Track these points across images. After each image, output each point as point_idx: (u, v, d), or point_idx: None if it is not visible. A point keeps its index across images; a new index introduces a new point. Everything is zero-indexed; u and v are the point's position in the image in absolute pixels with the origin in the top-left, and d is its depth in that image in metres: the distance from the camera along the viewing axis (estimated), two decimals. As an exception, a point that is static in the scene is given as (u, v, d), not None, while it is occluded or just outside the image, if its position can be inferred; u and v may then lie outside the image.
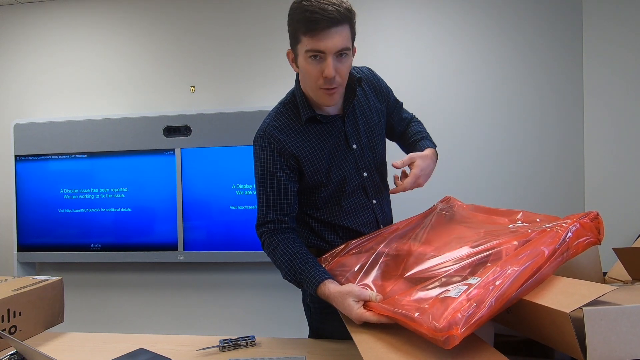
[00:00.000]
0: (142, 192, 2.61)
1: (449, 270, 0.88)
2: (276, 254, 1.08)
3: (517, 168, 2.49)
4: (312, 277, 1.01)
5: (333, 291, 0.96)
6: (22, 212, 2.69)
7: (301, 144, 1.10)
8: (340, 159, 1.14)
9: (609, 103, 2.39)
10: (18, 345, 0.99)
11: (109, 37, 2.77)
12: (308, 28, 0.94)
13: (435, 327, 0.71)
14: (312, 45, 0.95)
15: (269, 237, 1.12)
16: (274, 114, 1.14)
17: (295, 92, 1.14)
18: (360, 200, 1.19)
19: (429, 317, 0.73)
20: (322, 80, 0.99)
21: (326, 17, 0.92)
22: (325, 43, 0.94)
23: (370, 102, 1.20)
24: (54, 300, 1.31)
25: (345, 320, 0.96)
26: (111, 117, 2.63)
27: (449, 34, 2.51)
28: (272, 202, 1.11)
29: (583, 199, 2.45)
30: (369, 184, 1.19)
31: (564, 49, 2.44)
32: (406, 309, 0.80)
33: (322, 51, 0.95)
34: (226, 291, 2.70)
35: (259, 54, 2.63)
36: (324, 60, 0.97)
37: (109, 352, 1.07)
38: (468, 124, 2.51)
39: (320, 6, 0.92)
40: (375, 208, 1.21)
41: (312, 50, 0.96)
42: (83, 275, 2.80)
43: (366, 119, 1.18)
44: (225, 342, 1.07)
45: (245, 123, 2.51)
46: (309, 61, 0.98)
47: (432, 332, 0.71)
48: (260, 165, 1.11)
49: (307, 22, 0.93)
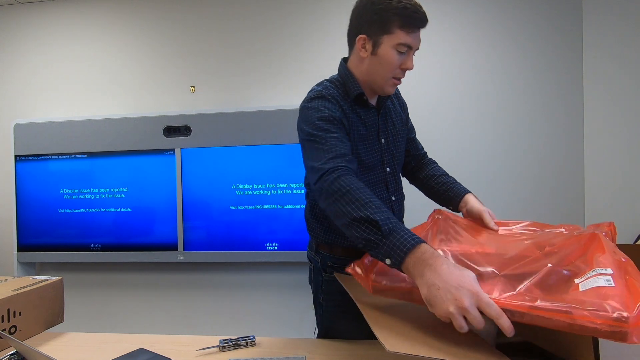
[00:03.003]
0: (142, 192, 2.61)
1: (545, 265, 0.77)
2: (360, 190, 0.88)
3: (517, 168, 2.49)
4: (411, 232, 0.82)
5: (443, 258, 0.76)
6: (22, 212, 2.69)
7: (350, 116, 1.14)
8: (370, 148, 1.19)
9: (609, 103, 2.39)
10: (18, 345, 0.99)
11: (108, 37, 2.77)
12: (407, 23, 1.03)
13: (623, 317, 0.60)
14: (406, 40, 1.05)
15: (346, 172, 0.93)
16: (324, 86, 1.13)
17: (344, 72, 1.18)
18: (381, 194, 1.23)
19: (600, 309, 0.62)
20: (399, 71, 1.10)
21: (422, 17, 1.05)
22: (415, 40, 1.07)
23: (396, 107, 1.30)
24: (54, 300, 1.31)
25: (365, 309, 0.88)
26: (111, 117, 2.63)
27: (448, 34, 2.51)
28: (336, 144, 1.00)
29: (583, 199, 2.45)
30: (391, 180, 1.25)
31: (564, 48, 2.44)
32: (552, 304, 0.67)
33: (411, 46, 1.07)
34: (226, 291, 2.70)
35: (259, 54, 2.63)
36: (407, 55, 1.08)
37: (109, 352, 1.07)
38: (467, 124, 2.51)
39: (418, 8, 1.04)
40: (393, 205, 1.25)
41: (405, 45, 1.05)
42: (83, 275, 2.81)
43: (393, 121, 1.27)
44: (225, 342, 1.07)
45: (245, 123, 2.51)
46: (394, 52, 1.06)
47: (618, 325, 0.60)
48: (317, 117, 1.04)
49: (408, 18, 1.03)
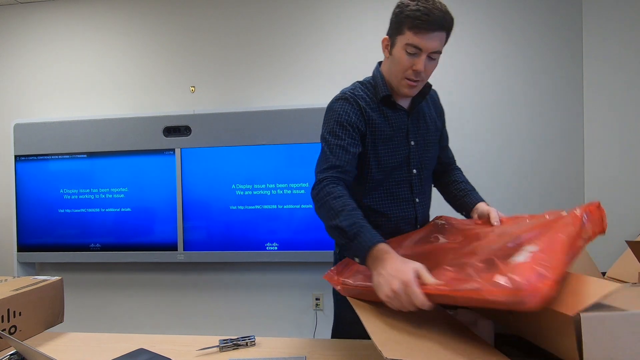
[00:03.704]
0: (142, 192, 2.61)
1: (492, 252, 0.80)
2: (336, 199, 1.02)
3: (518, 167, 2.49)
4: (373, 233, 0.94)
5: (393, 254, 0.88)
6: (22, 212, 2.69)
7: (373, 117, 1.18)
8: (396, 149, 1.22)
9: (609, 103, 2.39)
10: (18, 345, 0.99)
11: (109, 37, 2.77)
12: (415, 25, 1.05)
13: (519, 285, 0.61)
14: (414, 40, 1.06)
15: (331, 182, 1.07)
16: (352, 87, 1.22)
17: (375, 74, 1.23)
18: (404, 194, 1.25)
19: (505, 282, 0.64)
20: (410, 72, 1.11)
21: (433, 20, 1.04)
22: (425, 42, 1.06)
23: (432, 113, 1.30)
24: (54, 300, 1.31)
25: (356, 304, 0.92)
26: (111, 117, 2.63)
27: (449, 34, 2.51)
28: (338, 153, 1.12)
29: (583, 199, 2.45)
30: (416, 181, 1.26)
31: (564, 48, 2.44)
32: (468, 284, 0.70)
33: (420, 48, 1.07)
34: (226, 291, 2.70)
35: (259, 54, 2.63)
36: (418, 56, 1.08)
37: (109, 352, 1.07)
38: (468, 123, 2.51)
39: (433, 10, 1.04)
40: (417, 206, 1.27)
41: (412, 45, 1.07)
42: (83, 275, 2.81)
43: (426, 124, 1.27)
44: (225, 342, 1.07)
45: (245, 123, 2.51)
46: (405, 53, 1.09)
47: (514, 293, 0.61)
48: (335, 120, 1.16)
49: (415, 19, 1.04)
